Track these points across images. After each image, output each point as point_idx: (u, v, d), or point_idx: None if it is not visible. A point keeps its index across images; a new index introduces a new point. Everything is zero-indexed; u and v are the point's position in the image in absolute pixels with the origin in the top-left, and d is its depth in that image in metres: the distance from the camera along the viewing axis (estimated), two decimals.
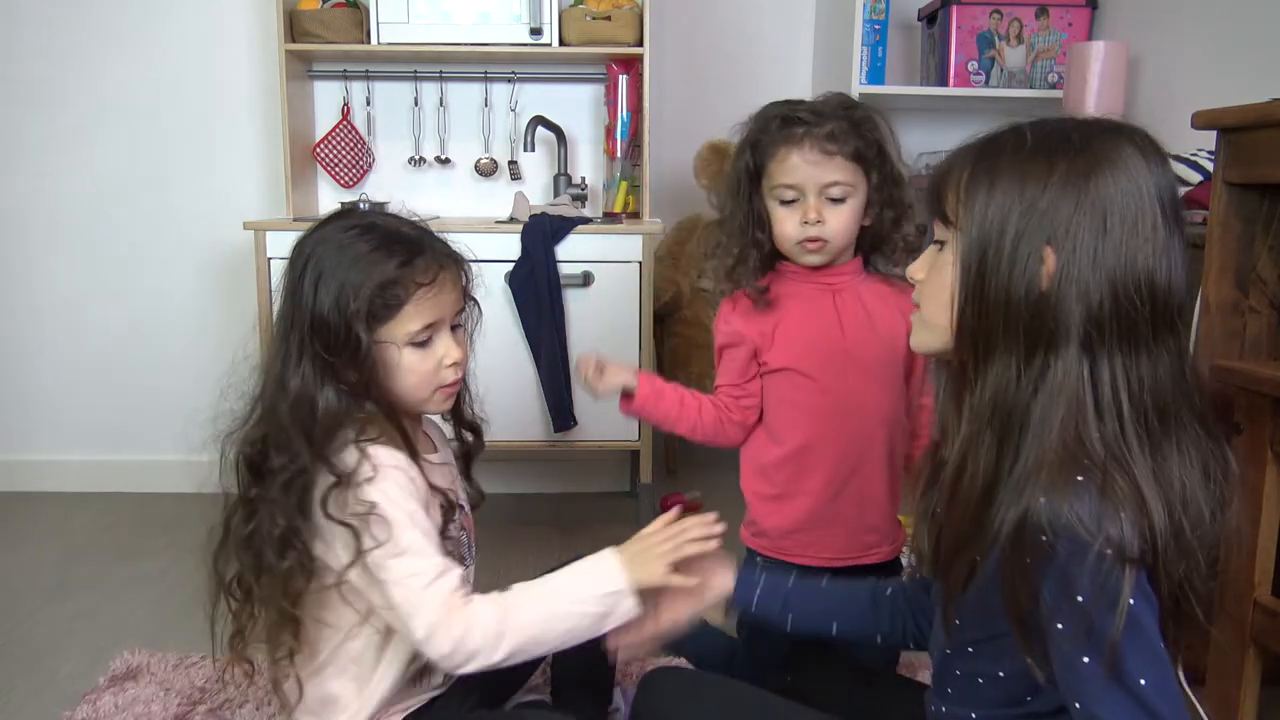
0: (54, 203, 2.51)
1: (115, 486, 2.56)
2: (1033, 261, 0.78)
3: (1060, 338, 0.78)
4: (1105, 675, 0.74)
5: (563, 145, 2.52)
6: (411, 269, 1.06)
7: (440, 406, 1.15)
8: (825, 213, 1.32)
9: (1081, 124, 0.82)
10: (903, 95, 2.81)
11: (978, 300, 0.81)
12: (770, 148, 1.33)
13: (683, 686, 1.12)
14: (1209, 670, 1.33)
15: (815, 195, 1.31)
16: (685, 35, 2.85)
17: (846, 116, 1.32)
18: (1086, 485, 0.75)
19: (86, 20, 2.45)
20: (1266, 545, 1.27)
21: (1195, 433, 0.81)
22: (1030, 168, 0.79)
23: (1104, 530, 0.73)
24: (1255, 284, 1.36)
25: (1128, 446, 0.77)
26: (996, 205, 0.80)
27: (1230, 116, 1.34)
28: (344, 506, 1.02)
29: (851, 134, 1.30)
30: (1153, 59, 2.38)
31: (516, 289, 2.17)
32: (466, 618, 1.01)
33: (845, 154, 1.30)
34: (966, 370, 0.84)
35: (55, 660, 1.65)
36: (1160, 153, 0.81)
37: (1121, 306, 0.77)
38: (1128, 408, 0.78)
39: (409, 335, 1.07)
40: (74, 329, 2.57)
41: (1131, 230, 0.77)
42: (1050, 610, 0.77)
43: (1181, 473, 0.78)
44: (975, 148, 0.85)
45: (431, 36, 2.31)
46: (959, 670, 0.92)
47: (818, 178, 1.30)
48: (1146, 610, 0.75)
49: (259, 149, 2.53)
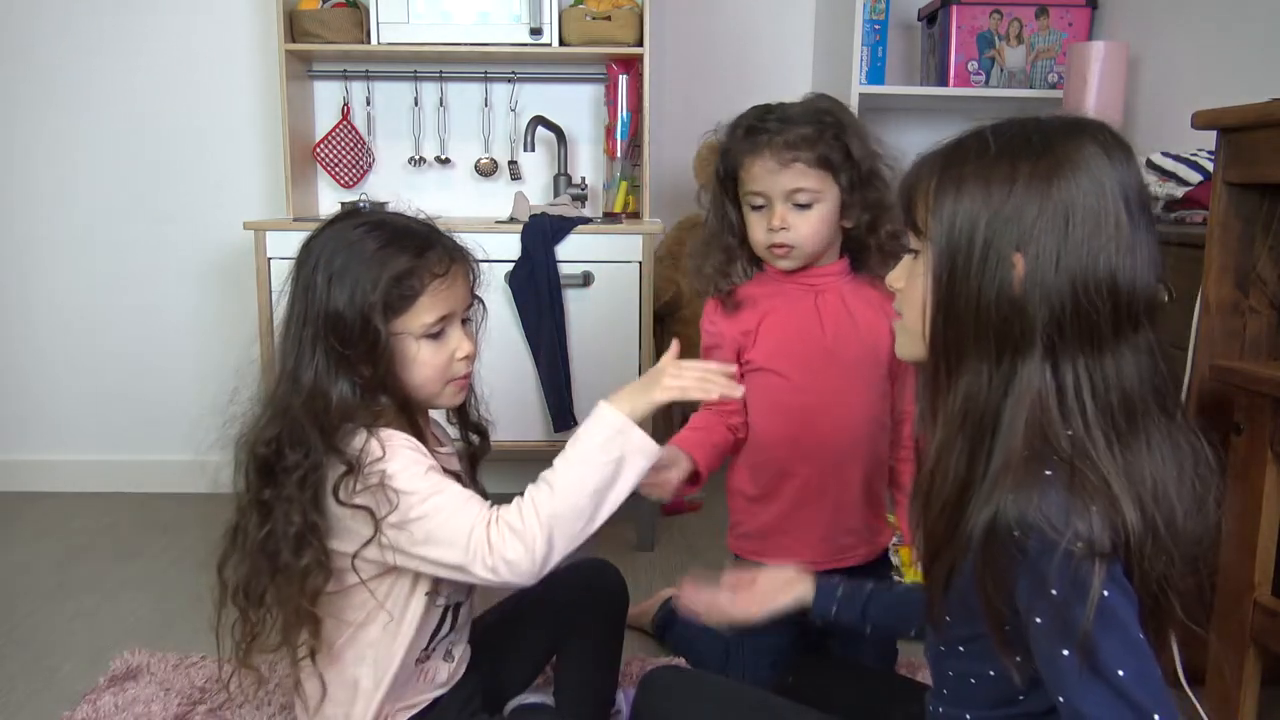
0: (54, 202, 2.51)
1: (115, 486, 2.56)
2: (1001, 268, 0.79)
3: (1025, 342, 0.79)
4: (1084, 668, 0.74)
5: (563, 145, 2.52)
6: (425, 260, 1.08)
7: (452, 400, 1.16)
8: (792, 218, 1.33)
9: (1042, 125, 0.82)
10: (903, 95, 2.81)
11: (948, 308, 0.82)
12: (738, 156, 1.35)
13: (683, 686, 1.12)
14: (1209, 670, 1.33)
15: (781, 202, 1.33)
16: (685, 35, 2.85)
17: (814, 121, 1.32)
18: (1053, 480, 0.76)
19: (86, 20, 2.45)
20: (1266, 545, 1.27)
21: (1166, 429, 0.81)
22: (994, 174, 0.80)
23: (1072, 525, 0.73)
24: (1255, 284, 1.36)
25: (1093, 444, 0.77)
26: (964, 213, 0.80)
27: (1230, 116, 1.34)
28: (354, 491, 1.03)
29: (816, 140, 1.31)
30: (1153, 59, 2.38)
31: (516, 289, 2.17)
32: (502, 530, 1.02)
33: (808, 160, 1.31)
34: (939, 376, 0.84)
35: (55, 660, 1.65)
36: (1124, 147, 0.81)
37: (1082, 308, 0.77)
38: (1091, 408, 0.78)
39: (424, 327, 1.08)
40: (74, 329, 2.57)
41: (1094, 231, 0.77)
42: (1027, 606, 0.77)
43: (1152, 469, 0.79)
44: (940, 155, 0.85)
45: (431, 36, 2.31)
46: (951, 671, 0.93)
47: (781, 185, 1.32)
48: (1123, 602, 0.75)
49: (259, 149, 2.53)
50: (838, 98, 1.45)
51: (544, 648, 1.37)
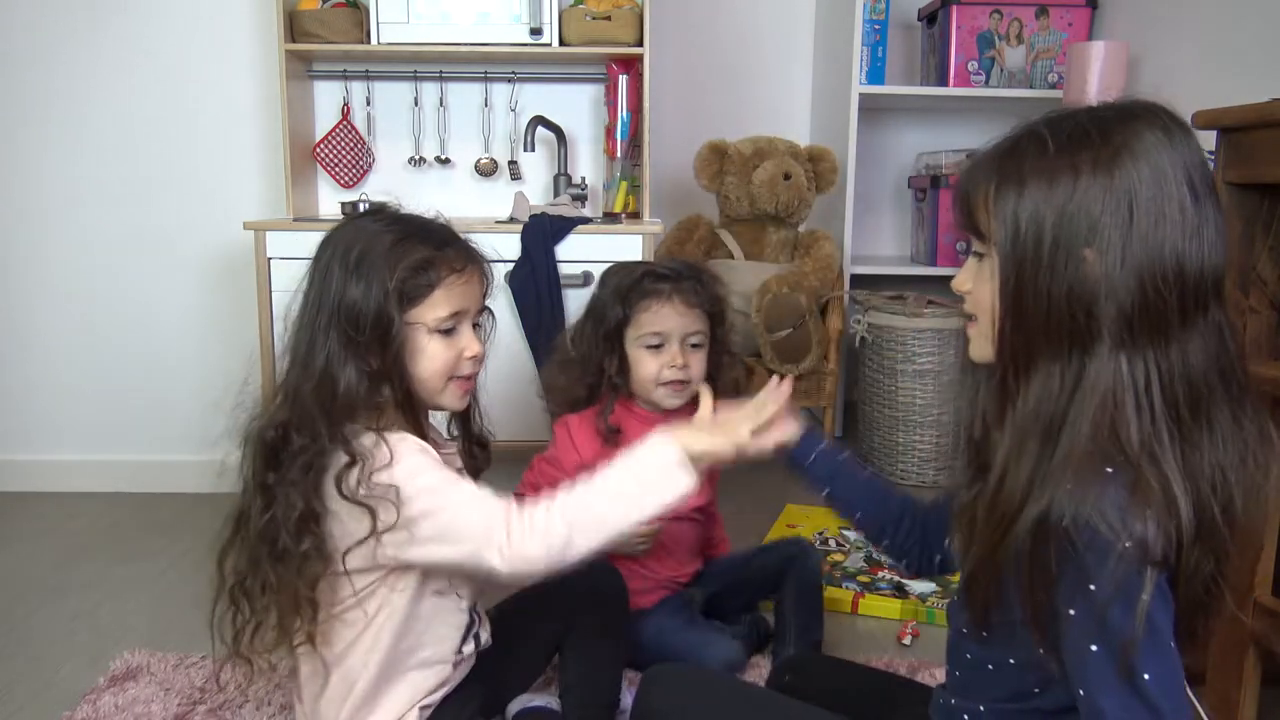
0: (53, 202, 2.51)
1: (115, 486, 2.56)
2: (1071, 264, 0.77)
3: (1095, 338, 0.77)
4: (1111, 666, 0.74)
5: (563, 145, 2.52)
6: (444, 254, 1.11)
7: (453, 403, 1.17)
8: (688, 357, 1.52)
9: (1097, 114, 0.81)
10: (902, 95, 2.82)
11: (1017, 311, 0.81)
12: (641, 300, 1.51)
13: (684, 683, 1.12)
14: (1209, 670, 1.33)
15: (679, 342, 1.51)
16: (685, 35, 2.85)
17: (697, 278, 1.55)
18: (1115, 479, 0.75)
19: (86, 20, 2.44)
20: (1267, 545, 1.27)
21: (1231, 412, 0.80)
22: (1056, 170, 0.78)
23: (1129, 527, 0.73)
24: (1255, 284, 1.36)
25: (1159, 443, 0.76)
26: (1028, 213, 0.79)
27: (1230, 116, 1.34)
28: (357, 487, 1.03)
29: (704, 293, 1.54)
30: (1153, 59, 2.38)
31: (516, 289, 2.17)
32: (524, 523, 1.02)
33: (702, 308, 1.53)
34: (1008, 381, 0.83)
35: (55, 660, 1.65)
36: (1183, 126, 0.80)
37: (1149, 299, 0.76)
38: (1160, 403, 0.77)
39: (438, 320, 1.10)
40: (73, 329, 2.56)
41: (1159, 218, 0.76)
42: (1064, 597, 0.77)
43: (1213, 456, 0.78)
44: (996, 156, 0.84)
45: (431, 36, 2.31)
46: (969, 654, 0.93)
47: (684, 327, 1.51)
48: (1161, 608, 0.75)
49: (259, 149, 2.53)
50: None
51: (545, 649, 1.37)
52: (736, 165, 2.61)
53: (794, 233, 2.71)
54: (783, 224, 2.66)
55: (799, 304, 2.44)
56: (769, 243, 2.66)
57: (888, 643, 1.71)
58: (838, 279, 2.64)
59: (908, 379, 2.55)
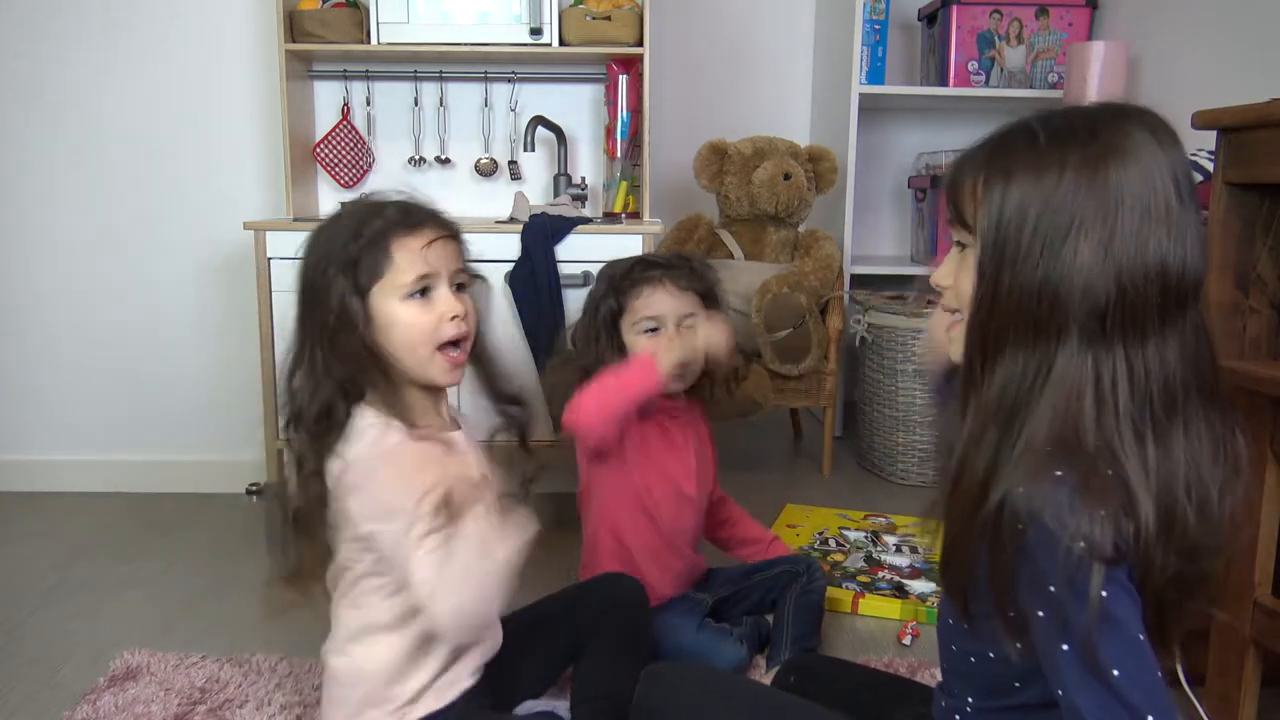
0: (54, 202, 2.51)
1: (115, 486, 2.56)
2: (1049, 256, 0.78)
3: (1065, 332, 0.78)
4: (1083, 665, 0.75)
5: (563, 145, 2.52)
6: (394, 222, 1.10)
7: (444, 376, 1.14)
8: (686, 339, 1.53)
9: (1089, 113, 0.82)
10: (903, 95, 2.82)
11: (993, 299, 0.81)
12: (633, 287, 1.55)
13: (686, 680, 1.12)
14: (1209, 670, 1.33)
15: (675, 324, 1.54)
16: (685, 35, 2.85)
17: (688, 264, 1.59)
18: (1066, 479, 0.75)
19: (86, 20, 2.44)
20: (1267, 545, 1.27)
21: (1204, 412, 0.80)
22: (1044, 163, 0.79)
23: (1076, 523, 0.73)
24: (1255, 284, 1.36)
25: (1121, 439, 0.77)
26: (1013, 203, 0.80)
27: (1230, 116, 1.34)
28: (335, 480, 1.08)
29: (695, 277, 1.58)
30: (1153, 59, 2.38)
31: (516, 289, 2.17)
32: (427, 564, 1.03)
33: (695, 291, 1.57)
34: (974, 369, 0.84)
35: (55, 660, 1.65)
36: (1170, 131, 0.81)
37: (1128, 296, 0.77)
38: (1126, 401, 0.77)
39: (404, 287, 1.09)
40: (74, 329, 2.56)
41: (1144, 218, 0.77)
42: (1029, 600, 0.78)
43: (1188, 454, 0.78)
44: (986, 148, 0.85)
45: (431, 36, 2.31)
46: (954, 645, 0.94)
47: (678, 309, 1.54)
48: (1125, 603, 0.75)
49: (259, 149, 2.53)
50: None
51: (560, 656, 1.36)
52: (736, 165, 2.61)
53: (794, 233, 2.71)
54: (783, 224, 2.66)
55: (799, 304, 2.45)
56: (769, 243, 2.66)
57: (888, 643, 1.71)
58: (838, 279, 2.64)
59: (908, 379, 2.55)
